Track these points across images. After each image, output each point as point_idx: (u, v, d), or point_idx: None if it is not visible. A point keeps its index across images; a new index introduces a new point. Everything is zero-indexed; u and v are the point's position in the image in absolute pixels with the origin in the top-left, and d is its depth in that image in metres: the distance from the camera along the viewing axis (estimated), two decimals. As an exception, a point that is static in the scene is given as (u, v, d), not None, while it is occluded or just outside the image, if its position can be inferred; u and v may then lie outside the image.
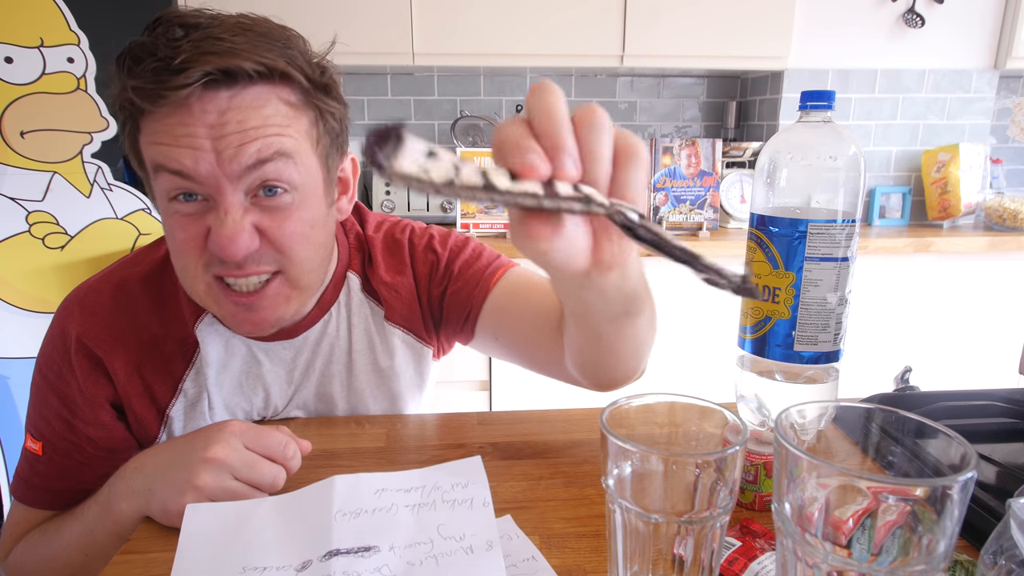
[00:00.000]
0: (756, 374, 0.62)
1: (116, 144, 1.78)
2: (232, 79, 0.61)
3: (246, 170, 0.62)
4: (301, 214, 0.67)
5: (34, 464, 0.75)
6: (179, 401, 0.76)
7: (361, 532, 0.55)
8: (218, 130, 0.61)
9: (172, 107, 0.60)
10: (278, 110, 0.64)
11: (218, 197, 0.62)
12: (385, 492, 0.60)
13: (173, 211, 0.65)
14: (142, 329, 0.75)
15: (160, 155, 0.62)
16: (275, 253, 0.66)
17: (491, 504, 0.57)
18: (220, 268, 0.65)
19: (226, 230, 0.62)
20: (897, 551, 0.38)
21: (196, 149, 0.60)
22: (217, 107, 0.61)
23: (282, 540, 0.55)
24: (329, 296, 0.81)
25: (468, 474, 0.62)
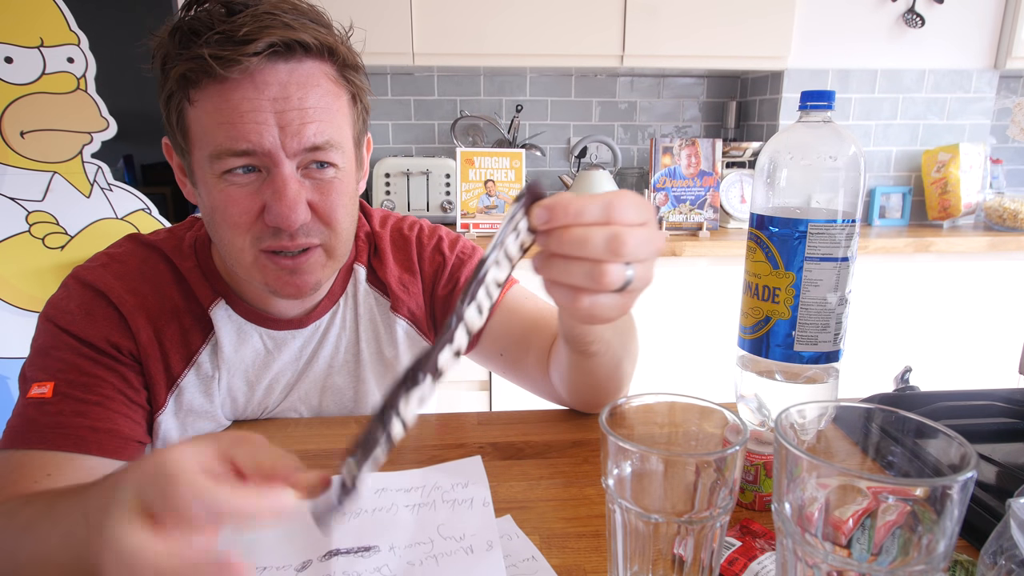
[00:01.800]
0: (756, 374, 0.62)
1: (116, 144, 1.78)
2: (290, 52, 0.65)
3: (303, 151, 0.66)
4: (342, 188, 0.71)
5: (42, 407, 0.67)
6: (191, 372, 0.77)
7: (361, 532, 0.55)
8: (281, 103, 0.64)
9: (236, 79, 0.63)
10: (328, 89, 0.68)
11: (275, 169, 0.66)
12: (385, 492, 0.60)
13: (225, 185, 0.66)
14: (164, 299, 0.76)
15: (223, 135, 0.64)
16: (321, 226, 0.70)
17: (491, 504, 0.57)
18: (272, 241, 0.68)
19: (287, 201, 0.65)
20: (897, 551, 0.38)
21: (261, 124, 0.63)
22: (278, 79, 0.64)
23: (282, 540, 0.54)
24: (338, 287, 0.84)
25: (468, 474, 0.62)
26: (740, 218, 2.19)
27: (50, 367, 0.70)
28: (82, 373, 0.70)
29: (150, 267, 0.77)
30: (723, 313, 1.99)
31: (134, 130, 1.84)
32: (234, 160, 0.65)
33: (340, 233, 0.72)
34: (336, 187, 0.70)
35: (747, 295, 0.61)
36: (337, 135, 0.69)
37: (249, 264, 0.70)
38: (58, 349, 0.71)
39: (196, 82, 0.64)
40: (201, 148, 0.67)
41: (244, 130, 0.63)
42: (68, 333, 0.71)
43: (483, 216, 2.07)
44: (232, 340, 0.78)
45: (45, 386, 0.68)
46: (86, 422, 0.68)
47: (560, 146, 2.53)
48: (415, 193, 2.19)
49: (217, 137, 0.64)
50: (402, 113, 2.45)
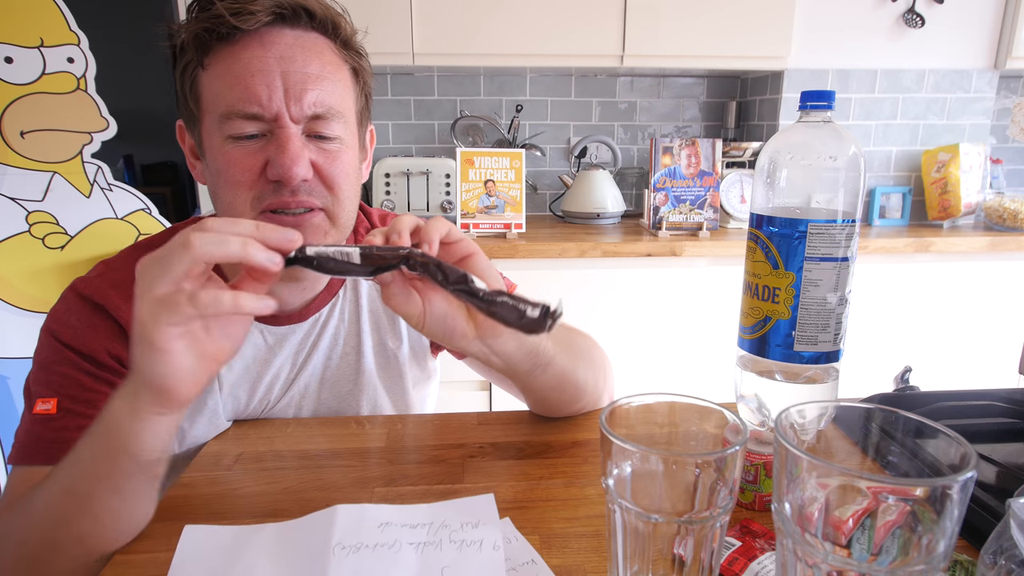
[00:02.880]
0: (756, 374, 0.62)
1: (116, 144, 1.78)
2: (296, 18, 0.69)
3: (306, 118, 0.69)
4: (345, 158, 0.74)
5: (47, 423, 0.69)
6: None
7: (359, 570, 0.51)
8: (287, 63, 0.68)
9: (244, 41, 0.67)
10: (330, 59, 0.72)
11: (279, 130, 0.68)
12: (389, 527, 0.57)
13: (230, 148, 0.69)
14: None
15: (234, 95, 0.67)
16: (324, 189, 0.72)
17: (501, 548, 0.54)
18: (273, 198, 0.70)
19: (289, 153, 0.68)
20: (897, 551, 0.38)
21: (269, 85, 0.67)
22: (284, 40, 0.69)
23: (275, 573, 0.52)
24: (337, 280, 0.85)
25: (479, 513, 0.59)
26: (740, 218, 2.19)
27: (53, 382, 0.71)
28: (84, 389, 0.71)
29: None
30: (723, 313, 1.99)
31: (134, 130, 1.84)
32: (242, 123, 0.68)
33: (343, 200, 0.74)
34: (340, 155, 0.73)
35: (747, 295, 0.61)
36: (339, 104, 0.72)
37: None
38: (60, 364, 0.71)
39: (209, 45, 0.68)
40: (211, 112, 0.70)
41: (254, 90, 0.67)
42: (69, 348, 0.72)
43: (483, 216, 2.07)
44: None
45: (49, 402, 0.70)
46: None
47: (560, 146, 2.53)
48: (415, 193, 2.19)
49: (228, 97, 0.68)
50: (402, 113, 2.45)
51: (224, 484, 0.68)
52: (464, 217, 2.07)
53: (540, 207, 2.56)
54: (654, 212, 2.09)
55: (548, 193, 2.55)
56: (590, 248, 1.92)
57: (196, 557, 0.54)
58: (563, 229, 2.19)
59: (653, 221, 2.10)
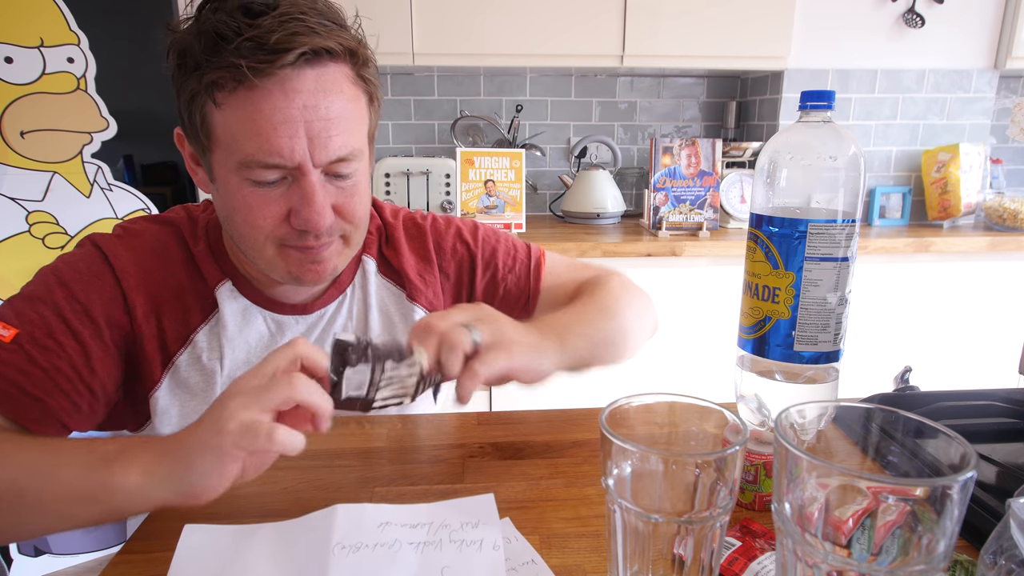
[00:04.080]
0: (756, 374, 0.62)
1: (116, 144, 1.77)
2: (317, 58, 0.66)
3: (329, 162, 0.68)
4: (361, 188, 0.74)
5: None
6: (187, 351, 0.77)
7: (359, 569, 0.51)
8: (311, 112, 0.66)
9: (265, 90, 0.64)
10: (351, 95, 0.70)
11: (303, 178, 0.68)
12: (389, 527, 0.57)
13: (251, 188, 0.68)
14: (169, 276, 0.77)
15: (254, 147, 0.65)
16: (343, 223, 0.73)
17: (501, 547, 0.54)
18: (298, 241, 0.71)
19: (316, 208, 0.68)
20: (897, 551, 0.38)
21: (292, 137, 0.65)
22: (306, 87, 0.65)
23: (275, 572, 0.52)
24: (346, 277, 0.85)
25: (479, 513, 0.59)
26: (740, 218, 2.19)
27: (25, 315, 0.69)
28: (49, 336, 0.68)
29: (161, 244, 0.78)
30: (723, 313, 1.99)
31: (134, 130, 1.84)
32: (263, 172, 0.67)
33: (359, 226, 0.76)
34: (357, 189, 0.73)
35: (747, 295, 0.61)
36: (359, 143, 0.71)
37: (271, 256, 0.72)
38: (44, 303, 0.70)
39: (224, 86, 0.64)
40: (228, 152, 0.67)
41: (277, 144, 0.65)
42: (66, 288, 0.71)
43: (483, 216, 2.07)
44: (237, 321, 0.79)
45: (8, 329, 0.67)
46: (25, 381, 0.66)
47: (560, 146, 2.53)
48: (415, 193, 2.19)
49: (247, 147, 0.65)
50: (402, 113, 2.45)
51: (224, 484, 0.68)
52: (464, 217, 2.07)
53: (540, 207, 2.56)
54: (654, 212, 2.09)
55: (548, 193, 2.55)
56: (590, 248, 1.92)
57: (196, 557, 0.54)
58: (563, 229, 2.19)
59: (653, 221, 2.10)
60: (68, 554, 1.81)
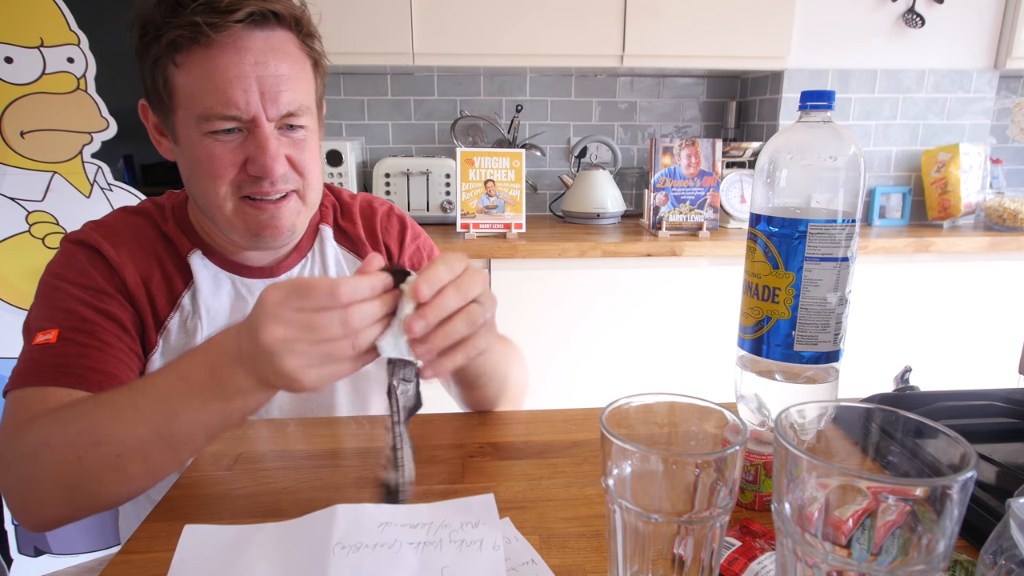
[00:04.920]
0: (756, 374, 0.62)
1: (116, 144, 1.78)
2: (264, 20, 0.74)
3: (279, 116, 0.76)
4: (312, 145, 0.82)
5: (47, 351, 0.72)
6: (176, 315, 0.83)
7: (359, 569, 0.51)
8: (261, 68, 0.73)
9: (220, 46, 0.72)
10: (297, 57, 0.78)
11: (257, 129, 0.75)
12: (389, 527, 0.56)
13: (210, 142, 0.75)
14: (148, 250, 0.84)
15: (213, 99, 0.72)
16: (297, 175, 0.80)
17: (501, 547, 0.54)
18: (253, 188, 0.77)
19: (270, 154, 0.75)
20: (897, 551, 0.38)
21: (247, 90, 0.73)
22: (256, 45, 0.74)
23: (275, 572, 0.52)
24: (305, 243, 0.92)
25: (479, 513, 0.59)
26: (740, 218, 2.19)
27: (54, 316, 0.76)
28: (84, 320, 0.76)
29: (135, 227, 0.85)
30: (723, 313, 1.99)
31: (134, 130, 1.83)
32: (221, 123, 0.74)
33: (312, 182, 0.82)
34: (307, 143, 0.80)
35: (747, 295, 0.61)
36: (306, 100, 0.79)
37: (230, 212, 0.78)
38: (62, 300, 0.77)
39: (183, 47, 0.72)
40: (187, 109, 0.74)
41: (233, 96, 0.72)
42: (73, 284, 0.78)
43: (483, 216, 2.07)
44: (209, 286, 0.85)
45: (49, 333, 0.74)
46: (88, 363, 0.73)
47: (560, 146, 2.53)
48: (415, 193, 2.19)
49: (206, 101, 0.73)
50: (402, 113, 2.45)
51: (224, 484, 0.68)
52: (464, 217, 2.07)
53: (540, 207, 2.56)
54: (654, 212, 2.09)
55: (548, 193, 2.55)
56: (590, 248, 1.92)
57: (196, 557, 0.54)
58: (563, 229, 2.19)
59: (653, 221, 2.11)
60: (68, 554, 1.81)
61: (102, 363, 0.73)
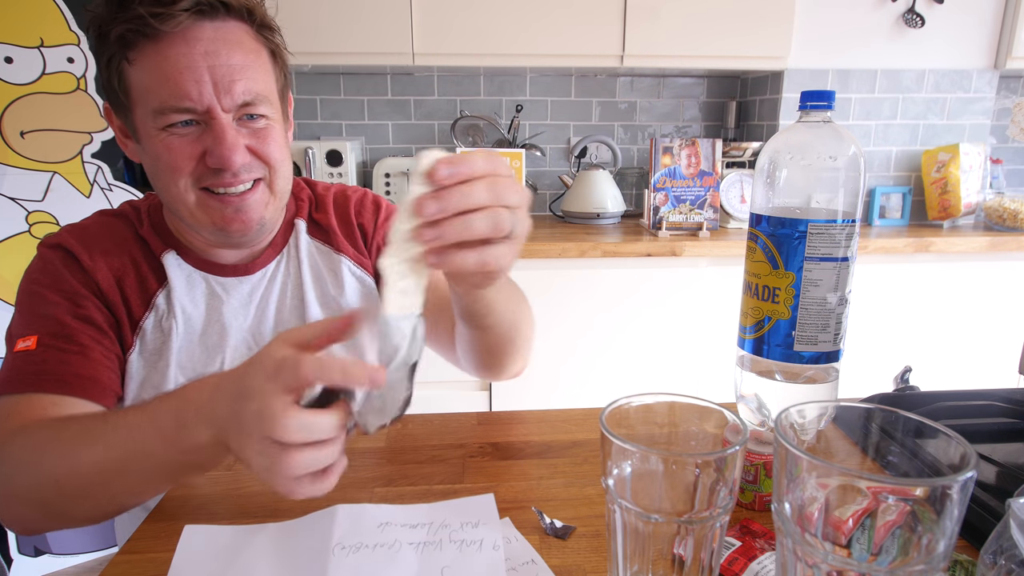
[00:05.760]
0: (756, 374, 0.62)
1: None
2: (214, 12, 0.73)
3: (236, 107, 0.74)
4: (275, 134, 0.80)
5: (27, 358, 0.72)
6: (151, 315, 0.82)
7: (359, 569, 0.51)
8: (212, 58, 0.72)
9: (169, 38, 0.71)
10: (251, 47, 0.76)
11: (212, 121, 0.73)
12: (389, 527, 0.57)
13: (167, 136, 0.74)
14: (123, 251, 0.83)
15: (165, 92, 0.71)
16: (260, 164, 0.78)
17: (501, 547, 0.55)
18: (214, 179, 0.75)
19: (227, 144, 0.73)
20: (897, 551, 0.38)
21: (198, 81, 0.71)
22: (205, 35, 0.72)
23: (275, 572, 0.52)
24: (280, 239, 0.91)
25: (479, 513, 0.59)
26: (740, 218, 2.19)
27: (33, 324, 0.75)
28: (63, 326, 0.75)
29: (110, 229, 0.84)
30: (723, 313, 1.99)
31: (134, 130, 1.84)
32: (176, 115, 0.72)
33: (278, 170, 0.80)
34: (270, 133, 0.78)
35: (747, 295, 0.61)
36: (263, 89, 0.77)
37: (193, 206, 0.77)
38: (41, 306, 0.76)
39: (133, 43, 0.71)
40: (143, 105, 0.73)
41: (185, 88, 0.71)
42: (49, 288, 0.77)
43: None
44: (183, 286, 0.84)
45: (29, 340, 0.74)
46: (69, 368, 0.73)
47: (560, 146, 2.53)
48: (415, 193, 2.19)
49: (160, 94, 0.72)
50: (402, 113, 2.45)
51: (224, 484, 0.68)
52: (464, 217, 2.07)
53: (540, 207, 2.56)
54: (654, 212, 2.09)
55: (548, 193, 2.55)
56: (590, 248, 1.92)
57: (196, 557, 0.54)
58: (563, 229, 2.19)
59: (653, 221, 2.10)
60: (68, 554, 1.81)
61: (83, 367, 0.73)
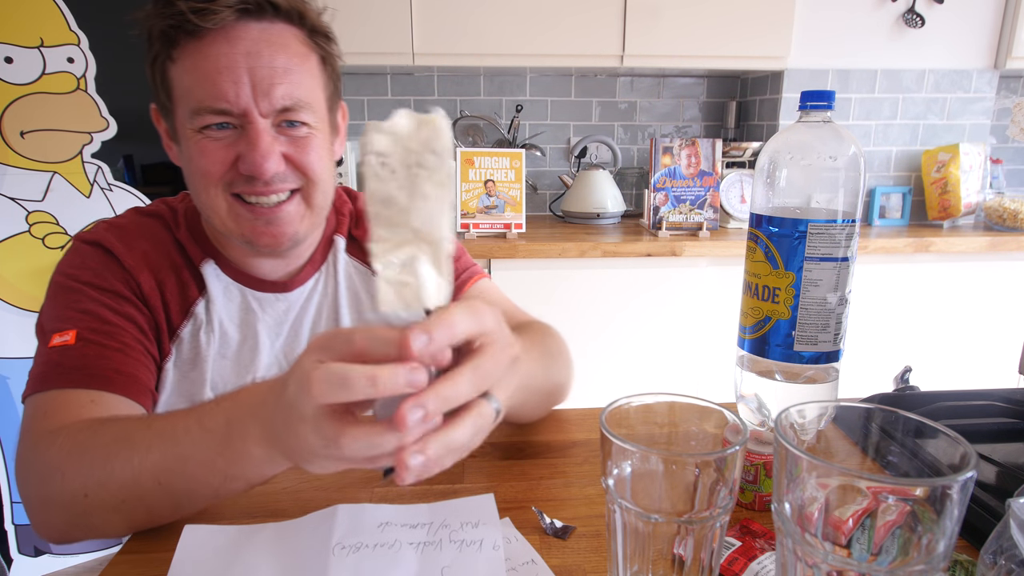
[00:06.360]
0: (756, 374, 0.62)
1: (116, 144, 1.78)
2: (261, 12, 0.70)
3: (275, 111, 0.72)
4: (316, 143, 0.76)
5: (65, 353, 0.69)
6: (190, 324, 0.80)
7: (359, 569, 0.51)
8: (254, 59, 0.69)
9: (211, 36, 0.69)
10: (297, 51, 0.73)
11: (248, 125, 0.71)
12: (389, 527, 0.57)
13: (201, 138, 0.71)
14: (163, 256, 0.80)
15: (202, 92, 0.69)
16: (298, 174, 0.75)
17: (501, 547, 0.55)
18: (245, 186, 0.73)
19: (260, 151, 0.70)
20: (897, 551, 0.38)
21: (237, 82, 0.69)
22: (250, 35, 0.70)
23: (275, 572, 0.52)
24: (319, 256, 0.88)
25: (479, 513, 0.59)
26: (740, 218, 2.19)
27: (71, 317, 0.72)
28: (103, 321, 0.72)
29: (149, 230, 0.81)
30: (723, 313, 1.99)
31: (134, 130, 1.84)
32: (212, 117, 0.70)
33: (317, 182, 0.76)
34: (310, 142, 0.75)
35: (747, 295, 0.61)
36: (307, 96, 0.73)
37: (224, 213, 0.74)
38: (79, 301, 0.73)
39: (175, 40, 0.69)
40: (183, 105, 0.71)
41: (222, 88, 0.69)
42: (91, 285, 0.74)
43: (483, 216, 2.07)
44: (220, 297, 0.81)
45: (67, 334, 0.71)
46: (111, 364, 0.70)
47: (560, 146, 2.53)
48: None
49: (197, 93, 0.70)
50: (402, 113, 2.45)
51: (224, 484, 0.68)
52: (464, 217, 2.07)
53: (540, 207, 2.56)
54: (654, 212, 2.09)
55: (548, 193, 2.55)
56: (590, 248, 1.92)
57: (196, 557, 0.54)
58: (563, 229, 2.19)
59: (653, 221, 2.10)
60: (68, 554, 1.81)
61: (124, 365, 0.71)
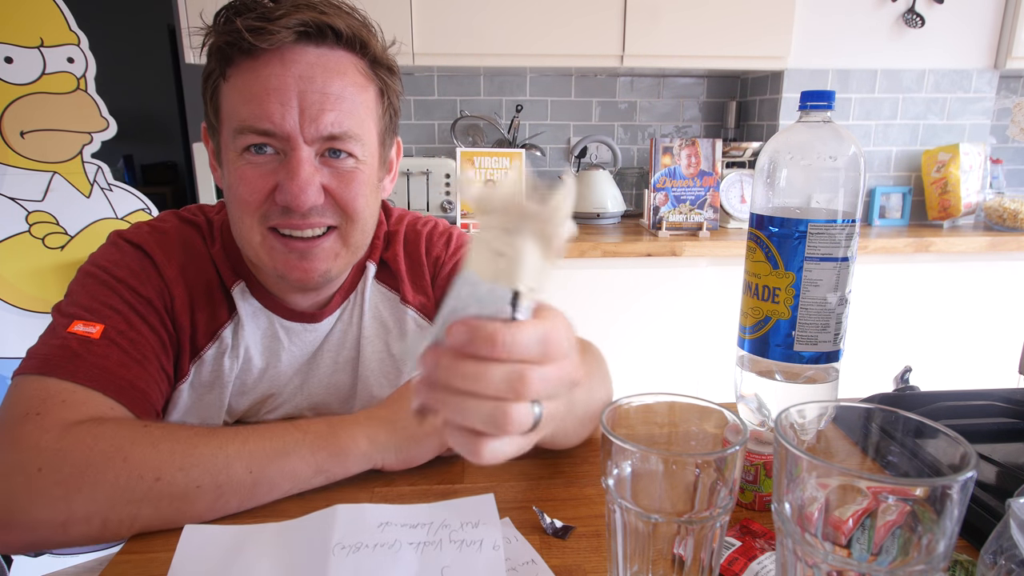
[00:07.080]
0: (756, 374, 0.62)
1: (116, 144, 1.78)
2: (321, 36, 0.68)
3: (321, 139, 0.68)
4: (361, 179, 0.72)
5: (88, 347, 0.66)
6: (214, 346, 0.77)
7: (359, 569, 0.51)
8: (306, 83, 0.66)
9: (266, 57, 0.66)
10: (354, 80, 0.70)
11: (292, 152, 0.67)
12: (389, 526, 0.57)
13: (243, 163, 0.69)
14: (199, 272, 0.77)
15: (248, 111, 0.66)
16: (337, 210, 0.71)
17: (501, 547, 0.54)
18: (281, 218, 0.69)
19: (299, 182, 0.67)
20: (897, 551, 0.38)
21: (284, 104, 0.66)
22: (306, 59, 0.67)
23: (275, 572, 0.52)
24: (349, 283, 0.84)
25: (479, 513, 0.59)
26: (740, 218, 2.19)
27: (100, 311, 0.69)
28: (131, 327, 0.70)
29: (189, 241, 0.78)
30: (723, 313, 1.99)
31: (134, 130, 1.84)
32: (254, 137, 0.67)
33: (357, 222, 0.73)
34: (356, 177, 0.71)
35: (747, 295, 0.61)
36: (357, 127, 0.70)
37: (257, 245, 0.71)
38: (112, 297, 0.70)
39: (231, 58, 0.67)
40: (228, 124, 0.69)
41: (268, 108, 0.66)
42: (125, 284, 0.71)
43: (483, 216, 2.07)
44: (249, 322, 0.79)
45: (93, 326, 0.67)
46: (129, 375, 0.67)
47: (560, 146, 2.53)
48: (415, 193, 2.19)
49: (242, 112, 0.67)
50: (402, 113, 2.45)
51: (224, 484, 0.68)
52: (464, 217, 2.07)
53: (540, 207, 2.55)
54: (654, 212, 2.09)
55: (548, 193, 2.55)
56: (590, 248, 1.92)
57: (196, 557, 0.54)
58: (563, 229, 2.19)
59: (653, 221, 2.10)
60: (68, 554, 1.81)
61: (140, 379, 0.68)
